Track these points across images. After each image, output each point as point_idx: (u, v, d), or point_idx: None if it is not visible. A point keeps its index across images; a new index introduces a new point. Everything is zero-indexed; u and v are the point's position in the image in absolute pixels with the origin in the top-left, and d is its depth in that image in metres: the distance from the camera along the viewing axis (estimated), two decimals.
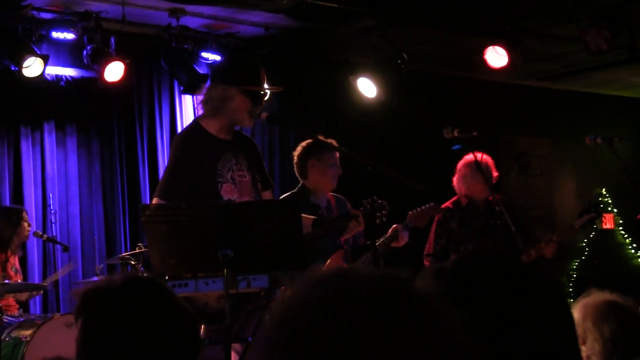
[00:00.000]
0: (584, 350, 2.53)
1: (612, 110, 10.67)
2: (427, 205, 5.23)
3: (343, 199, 5.27)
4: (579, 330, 2.55)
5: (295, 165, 5.16)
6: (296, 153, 5.16)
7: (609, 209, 10.53)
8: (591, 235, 10.38)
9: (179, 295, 3.78)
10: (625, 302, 2.60)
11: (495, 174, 5.59)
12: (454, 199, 5.68)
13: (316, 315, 0.98)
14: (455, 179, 5.65)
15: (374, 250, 4.28)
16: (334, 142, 4.85)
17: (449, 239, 5.56)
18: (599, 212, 5.42)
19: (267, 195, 4.33)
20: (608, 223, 10.52)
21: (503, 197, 5.82)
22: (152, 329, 1.75)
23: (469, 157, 5.50)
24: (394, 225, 5.11)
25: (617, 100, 10.82)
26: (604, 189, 10.57)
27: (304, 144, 5.16)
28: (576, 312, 2.56)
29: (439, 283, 1.35)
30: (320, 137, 4.80)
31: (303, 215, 4.41)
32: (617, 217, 10.57)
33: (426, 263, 5.55)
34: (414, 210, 5.19)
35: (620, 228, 10.53)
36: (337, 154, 5.02)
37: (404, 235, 5.07)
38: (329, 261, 5.00)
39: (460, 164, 5.63)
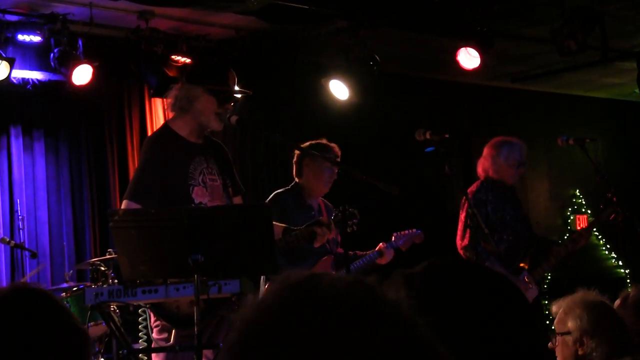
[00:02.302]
0: (588, 343, 2.57)
1: (584, 111, 10.77)
2: (413, 231, 5.33)
3: (331, 207, 5.34)
4: (580, 323, 2.60)
5: (293, 163, 5.25)
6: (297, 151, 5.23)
7: (583, 210, 10.63)
8: (565, 237, 10.46)
9: (150, 302, 3.79)
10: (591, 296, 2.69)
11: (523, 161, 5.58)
12: (477, 183, 5.60)
13: (280, 320, 0.99)
14: (480, 163, 5.63)
15: (347, 262, 4.31)
16: (335, 149, 4.93)
17: (477, 229, 5.47)
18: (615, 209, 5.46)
19: (237, 200, 4.34)
20: (582, 224, 10.62)
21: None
22: (38, 344, 1.64)
23: (498, 138, 5.56)
24: (380, 244, 5.24)
25: (589, 101, 10.92)
26: (577, 190, 10.68)
27: (307, 143, 5.18)
28: (576, 308, 2.61)
29: (409, 291, 1.36)
30: (323, 141, 4.86)
31: (275, 223, 4.45)
32: (590, 219, 10.66)
33: (464, 256, 5.41)
34: (398, 233, 5.31)
35: (594, 229, 10.62)
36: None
37: (389, 253, 5.20)
38: (316, 266, 5.05)
39: (488, 145, 5.61)
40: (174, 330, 3.95)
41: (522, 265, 5.50)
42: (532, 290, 5.44)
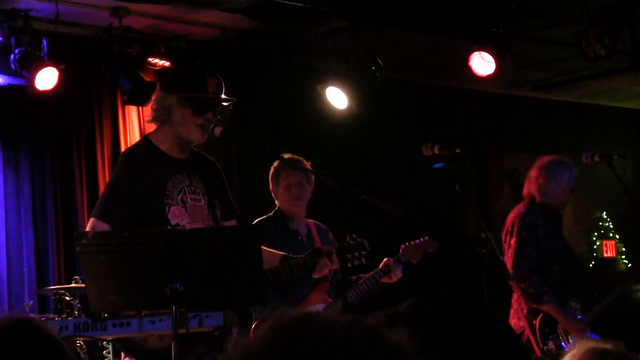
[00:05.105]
0: None
1: (611, 123, 10.81)
2: (422, 239, 5.31)
3: (325, 229, 5.36)
4: None
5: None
6: None
7: (610, 235, 10.63)
8: (590, 265, 10.47)
9: (121, 336, 3.77)
10: (612, 347, 2.66)
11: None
12: (524, 205, 5.58)
13: None
14: (532, 184, 5.61)
15: (344, 298, 4.31)
16: (304, 162, 4.95)
17: (541, 254, 5.40)
18: None
19: (230, 224, 4.32)
20: (609, 251, 10.62)
21: None
22: None
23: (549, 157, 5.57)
24: (385, 259, 5.19)
25: (617, 112, 10.96)
26: (604, 213, 10.69)
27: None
28: None
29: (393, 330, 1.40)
30: (286, 155, 4.90)
31: (271, 250, 4.45)
32: (619, 244, 10.68)
33: (516, 288, 5.35)
34: (407, 244, 5.27)
35: (623, 256, 10.63)
36: (299, 174, 5.10)
37: (397, 270, 5.15)
38: (311, 294, 5.06)
39: (542, 165, 5.60)
40: None
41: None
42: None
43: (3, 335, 1.78)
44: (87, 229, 4.13)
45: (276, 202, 5.31)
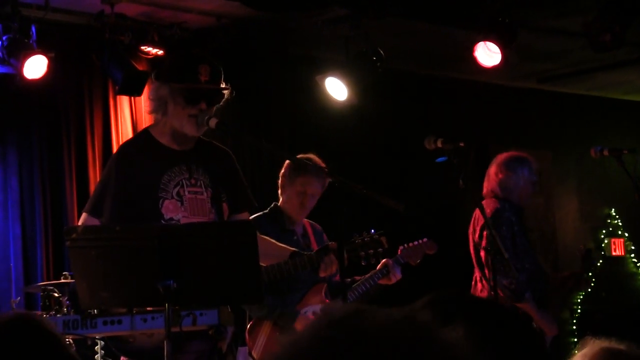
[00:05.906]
0: None
1: (621, 117, 10.81)
2: (421, 241, 5.33)
3: (320, 230, 5.37)
4: None
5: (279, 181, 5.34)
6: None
7: (619, 232, 10.64)
8: (598, 264, 10.48)
9: (112, 335, 3.77)
10: (627, 348, 2.65)
11: None
12: (495, 202, 5.60)
13: None
14: (495, 181, 5.66)
15: (344, 298, 4.31)
16: (317, 161, 4.95)
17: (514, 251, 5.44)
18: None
19: (242, 217, 4.30)
20: (618, 249, 10.64)
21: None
22: None
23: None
24: (384, 260, 5.19)
25: (627, 105, 10.96)
26: (612, 210, 10.70)
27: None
28: None
29: None
30: (308, 155, 4.91)
31: (282, 245, 4.43)
32: (627, 243, 10.69)
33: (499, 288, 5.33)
34: (406, 245, 5.29)
35: (632, 255, 10.64)
36: (318, 184, 5.06)
37: (396, 271, 5.16)
38: (309, 294, 5.07)
39: (502, 162, 5.67)
40: None
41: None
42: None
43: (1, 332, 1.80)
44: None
45: (280, 197, 5.27)
